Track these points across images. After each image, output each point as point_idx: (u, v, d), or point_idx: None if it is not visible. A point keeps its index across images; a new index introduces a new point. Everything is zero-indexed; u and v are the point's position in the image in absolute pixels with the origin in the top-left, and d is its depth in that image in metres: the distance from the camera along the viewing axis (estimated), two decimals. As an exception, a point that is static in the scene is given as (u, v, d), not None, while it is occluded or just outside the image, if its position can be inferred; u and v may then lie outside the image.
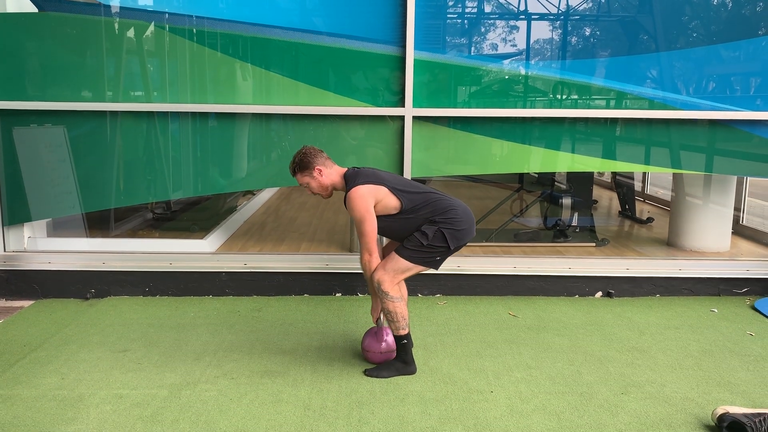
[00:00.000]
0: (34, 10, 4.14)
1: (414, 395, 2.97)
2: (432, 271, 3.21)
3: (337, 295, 4.42)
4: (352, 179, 3.08)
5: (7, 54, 4.10)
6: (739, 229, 5.58)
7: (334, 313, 4.06)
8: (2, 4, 4.09)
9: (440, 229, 3.02)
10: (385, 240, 3.70)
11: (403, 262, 3.06)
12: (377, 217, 3.05)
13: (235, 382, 3.08)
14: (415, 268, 3.09)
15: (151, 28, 4.17)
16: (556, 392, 3.02)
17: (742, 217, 5.69)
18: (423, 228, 3.04)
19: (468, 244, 4.93)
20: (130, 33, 4.19)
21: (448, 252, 3.09)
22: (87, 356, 3.37)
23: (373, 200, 3.01)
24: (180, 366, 3.25)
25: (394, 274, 3.06)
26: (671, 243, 5.20)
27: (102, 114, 4.23)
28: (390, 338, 3.25)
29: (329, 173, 3.16)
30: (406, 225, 3.08)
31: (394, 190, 3.06)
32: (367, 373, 3.17)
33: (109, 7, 4.12)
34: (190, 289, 4.37)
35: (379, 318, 3.33)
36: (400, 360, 3.18)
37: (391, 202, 3.05)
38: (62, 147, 4.27)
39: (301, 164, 3.15)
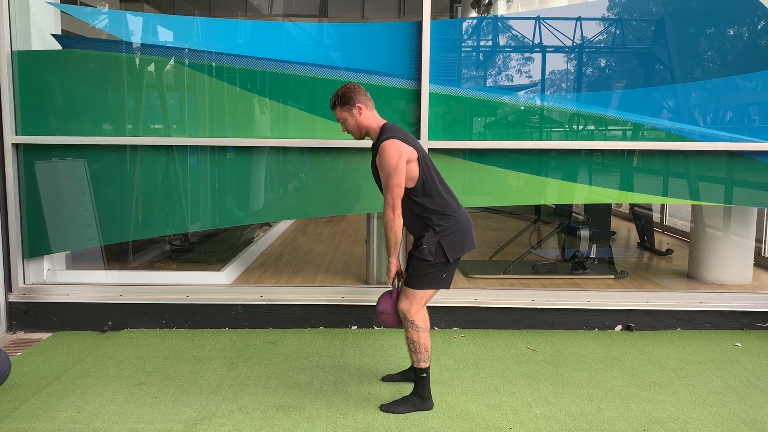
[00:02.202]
0: (58, 47, 4.25)
1: None
2: (444, 291, 3.17)
3: (353, 327, 4.39)
4: (389, 131, 3.01)
5: (32, 90, 4.20)
6: (761, 261, 5.49)
7: (349, 347, 4.03)
8: (27, 42, 4.20)
9: (439, 242, 2.99)
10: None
11: (417, 292, 3.06)
12: None
13: (250, 417, 3.06)
14: (429, 293, 3.08)
15: (171, 63, 4.26)
16: (577, 429, 2.96)
17: (764, 249, 5.60)
18: (424, 242, 3.00)
19: (485, 276, 4.95)
20: (151, 69, 4.28)
21: (448, 265, 3.05)
22: (103, 389, 3.37)
23: (405, 158, 2.94)
24: (195, 400, 3.24)
25: (416, 304, 3.07)
26: (691, 275, 5.12)
27: (122, 148, 4.30)
28: None
29: (368, 115, 3.09)
30: (411, 209, 3.02)
31: (421, 162, 3.01)
32: (384, 408, 3.13)
33: (130, 44, 4.22)
34: (206, 321, 4.37)
35: (395, 279, 3.19)
36: (416, 395, 3.14)
37: (414, 171, 2.98)
38: (82, 180, 4.34)
39: (343, 98, 3.08)
